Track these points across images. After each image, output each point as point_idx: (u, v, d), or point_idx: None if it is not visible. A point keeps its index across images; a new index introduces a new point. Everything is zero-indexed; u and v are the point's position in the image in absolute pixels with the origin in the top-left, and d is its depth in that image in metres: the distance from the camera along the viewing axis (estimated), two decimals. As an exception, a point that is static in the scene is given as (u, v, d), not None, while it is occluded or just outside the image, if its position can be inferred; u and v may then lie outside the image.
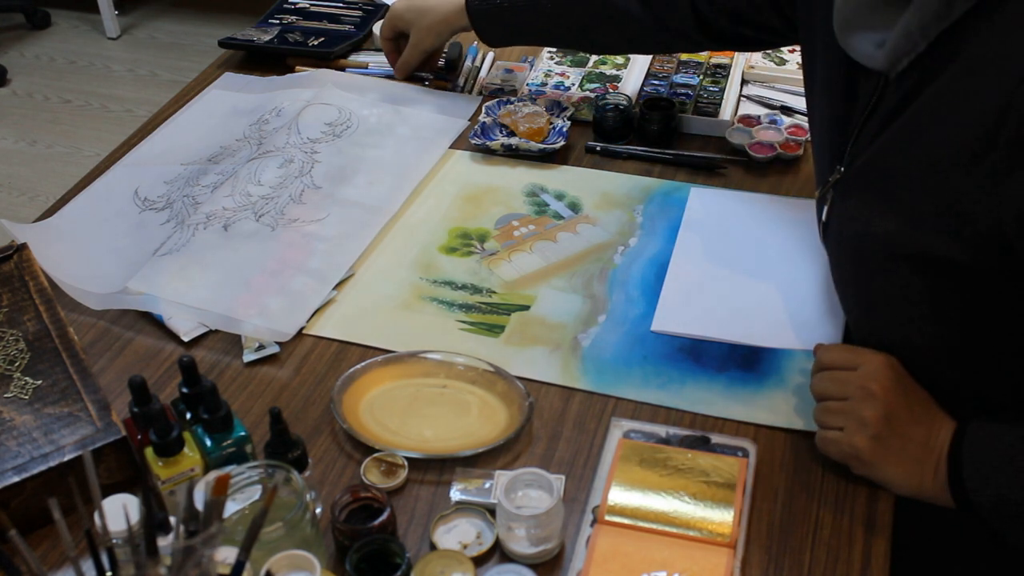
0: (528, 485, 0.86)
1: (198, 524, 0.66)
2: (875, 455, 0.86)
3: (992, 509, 0.82)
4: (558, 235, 1.20)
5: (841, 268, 0.99)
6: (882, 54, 0.86)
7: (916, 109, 0.85)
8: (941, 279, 0.86)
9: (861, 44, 0.88)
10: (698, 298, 1.09)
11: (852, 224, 0.93)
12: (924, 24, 0.81)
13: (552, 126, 1.35)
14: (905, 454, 0.86)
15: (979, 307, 0.87)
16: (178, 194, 1.26)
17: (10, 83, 3.49)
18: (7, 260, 1.08)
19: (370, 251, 1.18)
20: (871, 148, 0.90)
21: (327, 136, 1.34)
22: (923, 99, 0.84)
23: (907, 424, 0.87)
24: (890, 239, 0.88)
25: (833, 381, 0.90)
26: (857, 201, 0.93)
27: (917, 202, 0.84)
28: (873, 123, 0.91)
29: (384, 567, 0.80)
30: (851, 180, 0.94)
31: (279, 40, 1.56)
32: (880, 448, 0.86)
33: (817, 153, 1.05)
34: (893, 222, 0.87)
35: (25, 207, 2.90)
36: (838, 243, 0.98)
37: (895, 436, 0.86)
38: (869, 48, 0.87)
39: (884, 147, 0.89)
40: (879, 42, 0.86)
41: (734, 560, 0.83)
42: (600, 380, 1.01)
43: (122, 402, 0.97)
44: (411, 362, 1.02)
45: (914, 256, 0.86)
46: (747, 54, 1.47)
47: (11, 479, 0.85)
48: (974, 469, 0.83)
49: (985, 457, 0.83)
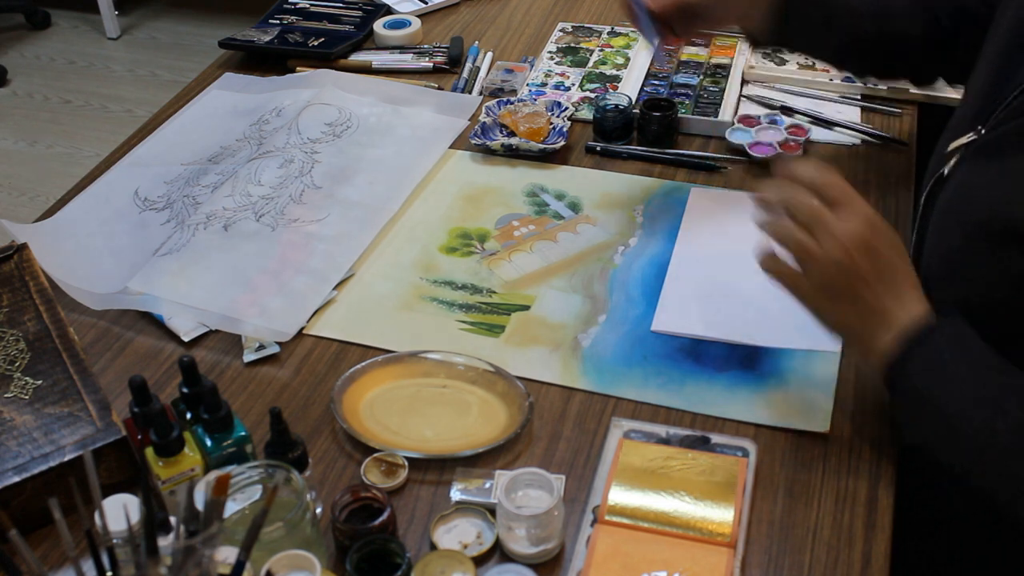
0: (528, 485, 0.86)
1: (198, 524, 0.66)
2: (819, 303, 0.86)
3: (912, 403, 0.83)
4: (558, 235, 1.20)
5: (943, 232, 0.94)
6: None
7: None
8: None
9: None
10: (698, 298, 1.09)
11: (973, 190, 0.89)
12: None
13: (552, 126, 1.35)
14: (853, 310, 0.85)
15: None
16: (178, 194, 1.26)
17: (10, 83, 3.49)
18: (7, 260, 1.08)
19: (370, 251, 1.18)
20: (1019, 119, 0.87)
21: (327, 136, 1.35)
22: None
23: (868, 285, 0.84)
24: (1009, 217, 0.84)
25: (811, 211, 0.84)
26: (988, 169, 0.89)
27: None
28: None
29: (384, 567, 0.80)
30: (989, 144, 0.90)
31: (279, 40, 1.56)
32: (827, 299, 0.85)
33: (963, 102, 1.00)
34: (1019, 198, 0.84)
35: (25, 207, 2.90)
36: (949, 204, 0.93)
37: (848, 291, 0.84)
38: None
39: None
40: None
41: (734, 560, 0.83)
42: (600, 380, 1.01)
43: (122, 402, 0.97)
44: (411, 362, 1.02)
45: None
46: (747, 54, 1.47)
47: (11, 479, 0.85)
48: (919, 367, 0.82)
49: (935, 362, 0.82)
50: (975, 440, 0.80)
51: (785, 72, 1.44)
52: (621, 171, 1.29)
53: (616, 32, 1.57)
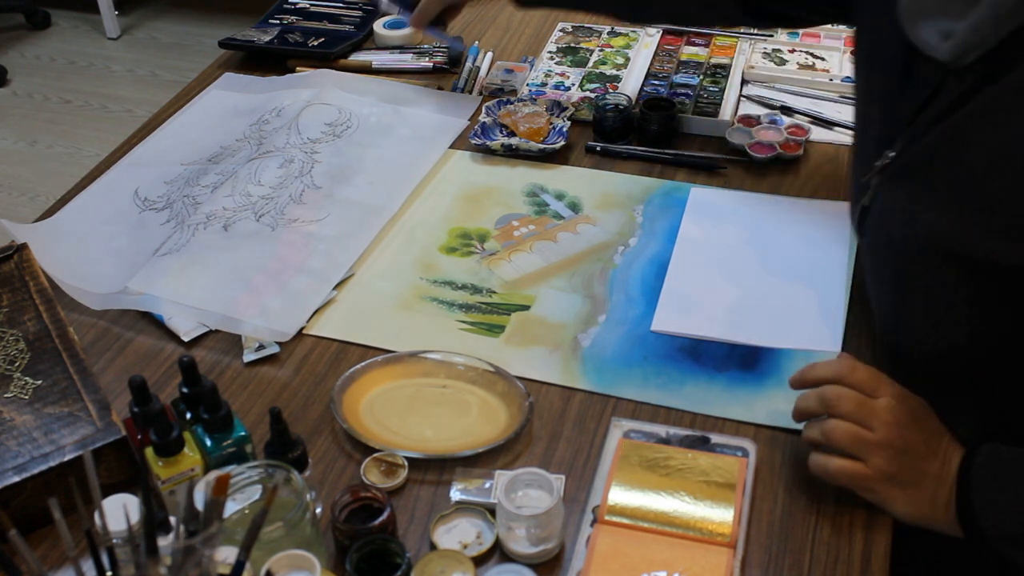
0: (528, 485, 0.86)
1: (198, 524, 0.66)
2: (889, 493, 0.84)
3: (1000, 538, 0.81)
4: (558, 235, 1.20)
5: (876, 259, 0.96)
6: (948, 46, 0.82)
7: (981, 105, 0.82)
8: (986, 281, 0.84)
9: (926, 32, 0.85)
10: (698, 298, 1.09)
11: (897, 215, 0.90)
12: (997, 20, 0.78)
13: (552, 126, 1.35)
14: (919, 490, 0.84)
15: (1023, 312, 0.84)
16: (178, 194, 1.26)
17: (10, 83, 3.49)
18: (7, 260, 1.08)
19: (370, 251, 1.18)
20: (927, 138, 0.87)
21: (327, 136, 1.35)
22: (989, 95, 0.81)
23: (923, 459, 0.84)
24: (937, 235, 0.85)
25: (855, 402, 0.84)
26: (906, 192, 0.89)
27: (972, 201, 0.82)
28: (930, 112, 0.87)
29: (384, 567, 0.80)
30: (903, 168, 0.91)
31: (279, 40, 1.56)
32: (895, 487, 0.84)
33: (862, 140, 1.01)
34: (943, 218, 0.84)
35: (25, 207, 2.90)
36: (877, 233, 0.95)
37: (911, 472, 0.84)
38: (934, 38, 0.84)
39: (941, 139, 0.85)
40: (946, 32, 0.83)
41: (734, 560, 0.83)
42: (600, 380, 1.01)
43: (122, 402, 0.97)
44: (411, 362, 1.02)
45: (960, 255, 0.84)
46: (747, 54, 1.47)
47: (11, 479, 0.85)
48: (981, 496, 0.82)
49: (994, 485, 0.82)
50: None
51: (785, 72, 1.44)
52: (621, 171, 1.29)
53: (616, 32, 1.57)
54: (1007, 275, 0.82)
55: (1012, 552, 0.81)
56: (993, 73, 0.81)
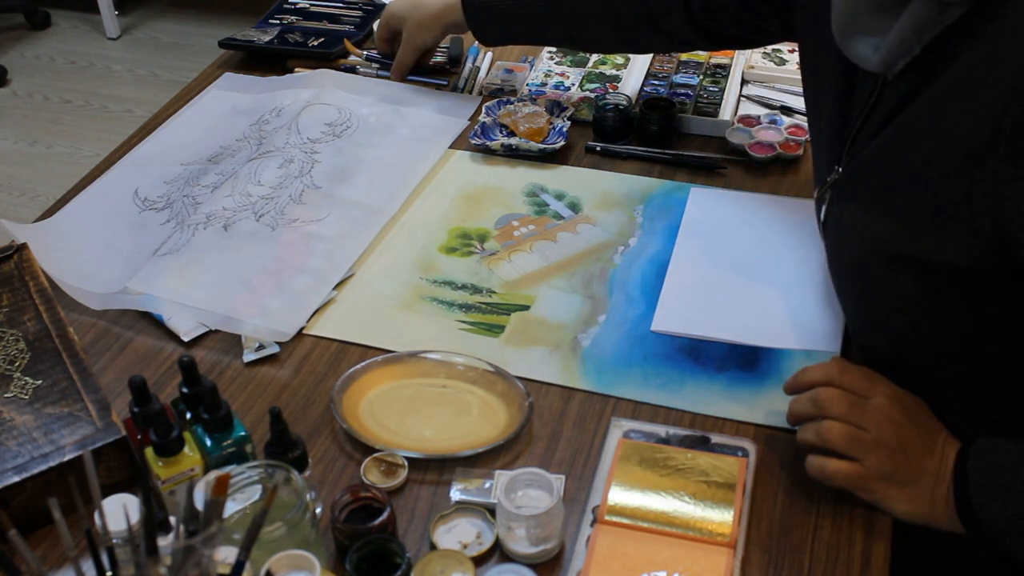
0: (528, 485, 0.86)
1: (198, 524, 0.66)
2: (888, 492, 0.85)
3: (1001, 530, 0.81)
4: (558, 235, 1.20)
5: (839, 268, 0.99)
6: (878, 57, 0.86)
7: (913, 112, 0.84)
8: (939, 281, 0.86)
9: (859, 47, 0.88)
10: (698, 298, 1.09)
11: (849, 226, 0.93)
12: (918, 28, 0.81)
13: (552, 126, 1.35)
14: (917, 488, 0.85)
15: (977, 308, 0.87)
16: (178, 194, 1.26)
17: (10, 83, 3.49)
18: (7, 260, 1.08)
19: (370, 251, 1.18)
20: (867, 150, 0.90)
21: (327, 136, 1.35)
22: (920, 102, 0.84)
23: (920, 456, 0.85)
24: (887, 241, 0.88)
25: (848, 403, 0.86)
26: (855, 203, 0.93)
27: (913, 205, 0.84)
28: (871, 125, 0.91)
29: (384, 567, 0.80)
30: (848, 181, 0.94)
31: (279, 40, 1.56)
32: (893, 485, 0.85)
33: (816, 152, 1.05)
34: (890, 225, 0.87)
35: (25, 207, 2.90)
36: (836, 244, 0.98)
37: (908, 470, 0.85)
38: (867, 51, 0.87)
39: (880, 149, 0.89)
40: (876, 46, 0.86)
41: (734, 560, 0.83)
42: (600, 380, 1.01)
43: (122, 402, 0.97)
44: (411, 362, 1.02)
45: (910, 258, 0.86)
46: (747, 54, 1.47)
47: (11, 479, 0.85)
48: (979, 490, 0.82)
49: (990, 477, 0.82)
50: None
51: (785, 72, 1.44)
52: (621, 171, 1.29)
53: (616, 32, 1.58)
54: (951, 273, 0.84)
55: (1014, 545, 0.82)
56: (925, 79, 0.83)
